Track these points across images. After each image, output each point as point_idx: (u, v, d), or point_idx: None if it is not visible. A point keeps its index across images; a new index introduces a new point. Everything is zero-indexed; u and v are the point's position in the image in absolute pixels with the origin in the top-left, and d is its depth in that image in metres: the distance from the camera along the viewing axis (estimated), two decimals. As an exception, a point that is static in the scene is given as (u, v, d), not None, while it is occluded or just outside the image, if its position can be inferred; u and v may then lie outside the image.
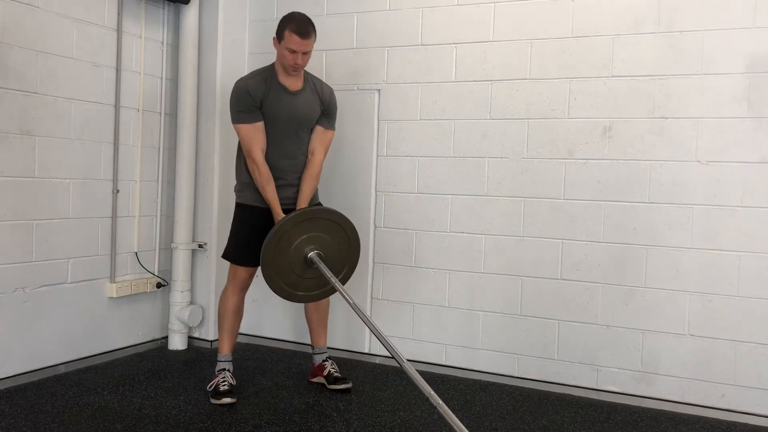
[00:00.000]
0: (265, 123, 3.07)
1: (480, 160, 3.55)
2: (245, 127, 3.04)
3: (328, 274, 2.92)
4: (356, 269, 3.21)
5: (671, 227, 3.18)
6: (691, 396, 3.16)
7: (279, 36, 3.04)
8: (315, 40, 3.08)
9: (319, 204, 3.31)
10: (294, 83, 3.12)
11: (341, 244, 3.09)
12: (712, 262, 3.11)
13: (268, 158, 3.08)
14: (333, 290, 3.09)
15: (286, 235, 2.93)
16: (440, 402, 2.38)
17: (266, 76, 3.10)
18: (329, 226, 3.04)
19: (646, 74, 3.21)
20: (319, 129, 3.21)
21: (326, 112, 3.22)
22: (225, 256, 3.25)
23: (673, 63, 3.16)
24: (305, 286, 3.08)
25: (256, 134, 3.04)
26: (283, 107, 3.08)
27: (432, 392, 2.42)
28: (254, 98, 3.02)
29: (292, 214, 2.99)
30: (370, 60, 3.80)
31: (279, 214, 3.05)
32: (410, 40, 3.70)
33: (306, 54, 3.04)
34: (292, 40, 2.98)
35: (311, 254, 2.98)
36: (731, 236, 3.08)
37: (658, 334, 3.22)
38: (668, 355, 3.20)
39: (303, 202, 3.14)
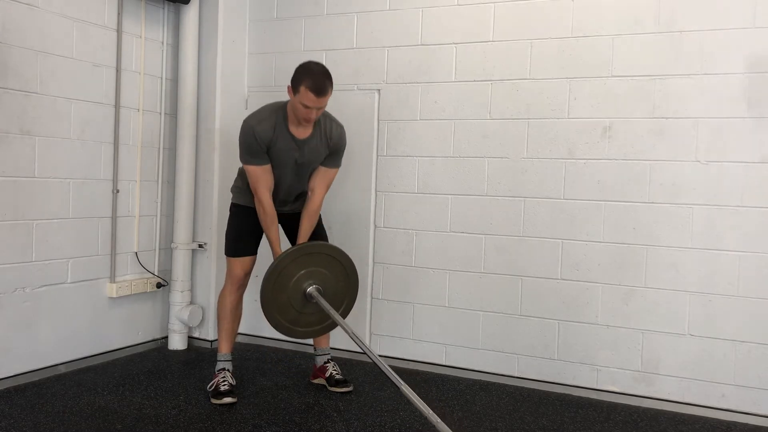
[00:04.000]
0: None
1: (480, 160, 3.55)
2: (254, 169, 3.02)
3: (328, 307, 2.91)
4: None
5: (671, 227, 3.18)
6: (691, 396, 3.16)
7: (294, 88, 2.88)
8: (331, 94, 2.93)
9: (322, 228, 3.32)
10: (303, 132, 3.03)
11: (340, 278, 3.07)
12: (712, 262, 3.11)
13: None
14: (333, 325, 3.09)
15: (285, 270, 2.92)
16: (439, 421, 2.37)
17: (276, 122, 2.99)
18: (327, 261, 3.03)
19: (646, 74, 3.21)
20: (322, 169, 3.14)
21: (332, 154, 3.14)
22: (225, 252, 3.27)
23: (673, 63, 3.16)
24: (305, 322, 3.06)
25: (263, 176, 3.02)
26: (289, 156, 3.04)
27: (431, 412, 2.40)
28: (261, 144, 2.97)
29: (291, 249, 2.98)
30: (370, 60, 3.80)
31: (278, 252, 3.05)
32: (410, 40, 3.70)
33: (320, 109, 2.93)
34: (308, 97, 2.84)
35: (310, 289, 2.96)
36: (731, 236, 3.08)
37: (658, 334, 3.22)
38: (668, 355, 3.20)
39: (302, 238, 3.14)
